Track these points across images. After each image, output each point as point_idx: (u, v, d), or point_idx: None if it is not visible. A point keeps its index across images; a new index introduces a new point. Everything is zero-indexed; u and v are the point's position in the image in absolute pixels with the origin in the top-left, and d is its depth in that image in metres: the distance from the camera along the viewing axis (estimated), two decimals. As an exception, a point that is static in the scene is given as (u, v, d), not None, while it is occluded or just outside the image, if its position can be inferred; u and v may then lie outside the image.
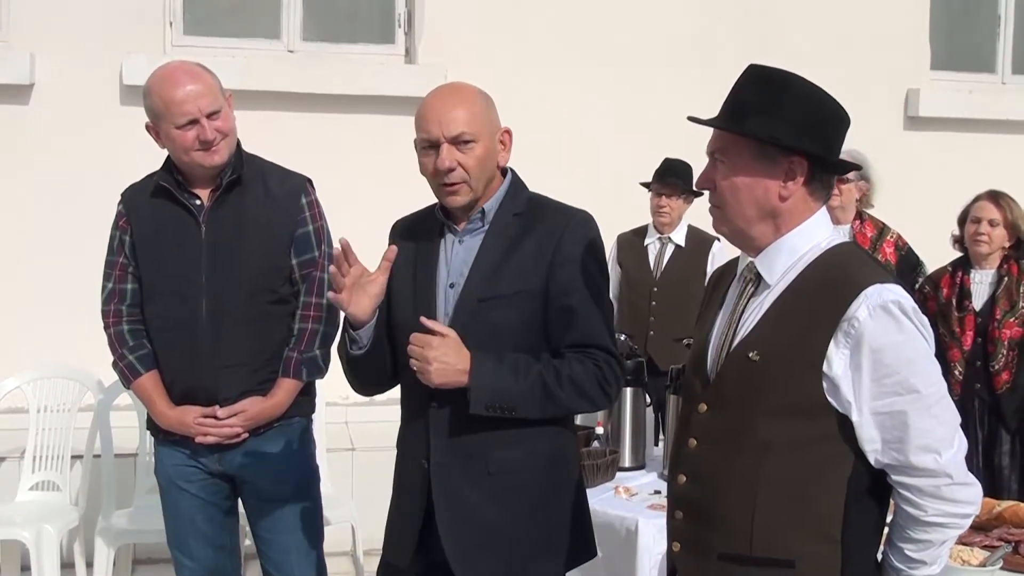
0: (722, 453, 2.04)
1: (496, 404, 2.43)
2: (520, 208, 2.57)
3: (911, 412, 1.93)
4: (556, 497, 2.58)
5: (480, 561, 2.53)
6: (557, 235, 2.50)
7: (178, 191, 3.09)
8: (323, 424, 4.57)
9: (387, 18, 5.94)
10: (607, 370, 2.49)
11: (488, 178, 2.54)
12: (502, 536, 2.52)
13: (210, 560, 3.22)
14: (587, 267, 2.51)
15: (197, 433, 3.07)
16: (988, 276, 4.68)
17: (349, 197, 4.78)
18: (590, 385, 2.47)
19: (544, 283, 2.48)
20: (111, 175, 3.71)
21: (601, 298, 2.54)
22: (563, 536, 2.59)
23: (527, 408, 2.45)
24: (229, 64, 5.05)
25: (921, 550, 2.00)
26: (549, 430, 2.54)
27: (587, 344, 2.49)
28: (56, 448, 4.67)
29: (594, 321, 2.51)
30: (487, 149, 2.50)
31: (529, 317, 2.49)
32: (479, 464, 2.51)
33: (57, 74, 5.35)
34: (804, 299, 1.99)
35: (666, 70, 6.03)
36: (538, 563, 2.56)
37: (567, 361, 2.48)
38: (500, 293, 2.48)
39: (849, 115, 2.08)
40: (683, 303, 5.12)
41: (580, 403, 2.51)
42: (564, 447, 2.61)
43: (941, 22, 6.71)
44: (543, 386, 2.44)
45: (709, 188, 2.09)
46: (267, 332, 3.11)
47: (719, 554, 2.04)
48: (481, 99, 2.55)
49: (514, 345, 2.47)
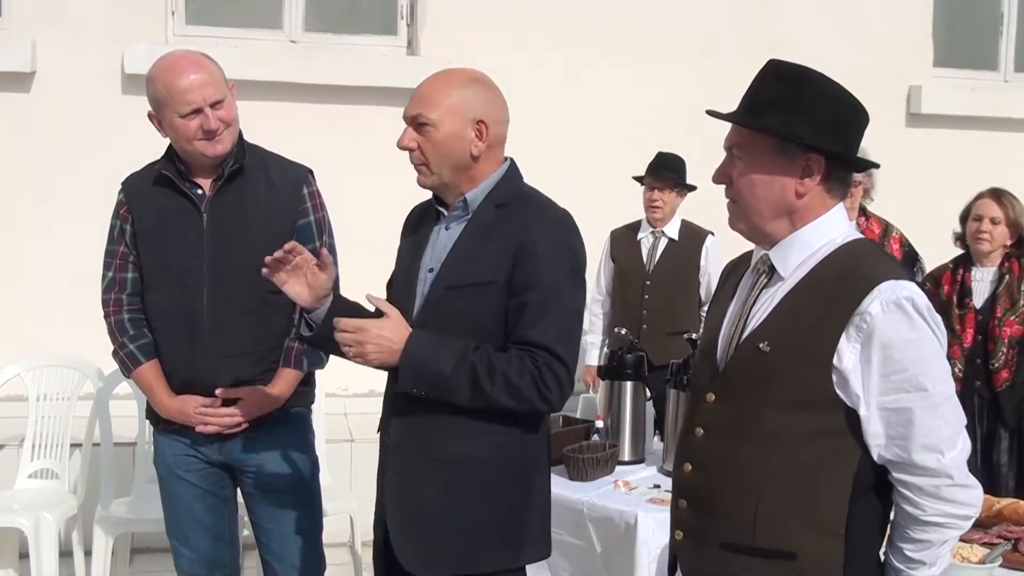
0: (728, 443, 2.04)
1: (423, 385, 2.43)
2: (504, 199, 2.54)
3: (917, 410, 1.93)
4: (508, 491, 2.53)
5: (419, 545, 2.53)
6: (527, 230, 2.47)
7: (180, 180, 3.08)
8: (322, 415, 4.57)
9: (389, 9, 5.93)
10: (546, 372, 2.41)
11: (454, 166, 2.52)
12: (446, 525, 2.51)
13: (209, 550, 3.22)
14: (551, 266, 2.45)
15: (197, 422, 3.07)
16: (989, 274, 4.68)
17: (350, 188, 4.78)
18: (524, 384, 2.40)
19: (508, 276, 2.45)
20: (112, 164, 3.71)
21: (559, 299, 2.46)
22: (513, 532, 2.54)
23: (454, 394, 2.42)
24: (231, 54, 5.04)
25: (920, 550, 2.00)
26: (507, 424, 2.48)
27: (531, 343, 2.42)
28: (55, 436, 4.66)
29: (546, 321, 2.43)
30: (447, 135, 2.49)
31: (491, 309, 2.47)
32: (429, 448, 2.51)
33: (58, 62, 5.35)
34: (817, 292, 1.99)
35: (670, 65, 6.02)
36: (484, 556, 2.52)
37: (507, 357, 2.42)
38: (465, 282, 2.49)
39: (868, 111, 2.07)
40: (676, 297, 5.15)
41: (510, 401, 2.42)
42: (522, 443, 2.53)
43: (944, 19, 6.70)
44: (473, 376, 2.39)
45: (725, 183, 2.08)
46: (268, 322, 3.11)
47: (721, 543, 2.04)
48: (461, 85, 2.52)
49: (475, 335, 2.45)
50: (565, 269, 2.48)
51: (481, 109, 2.52)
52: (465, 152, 2.51)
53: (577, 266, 2.52)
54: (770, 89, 2.04)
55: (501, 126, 2.57)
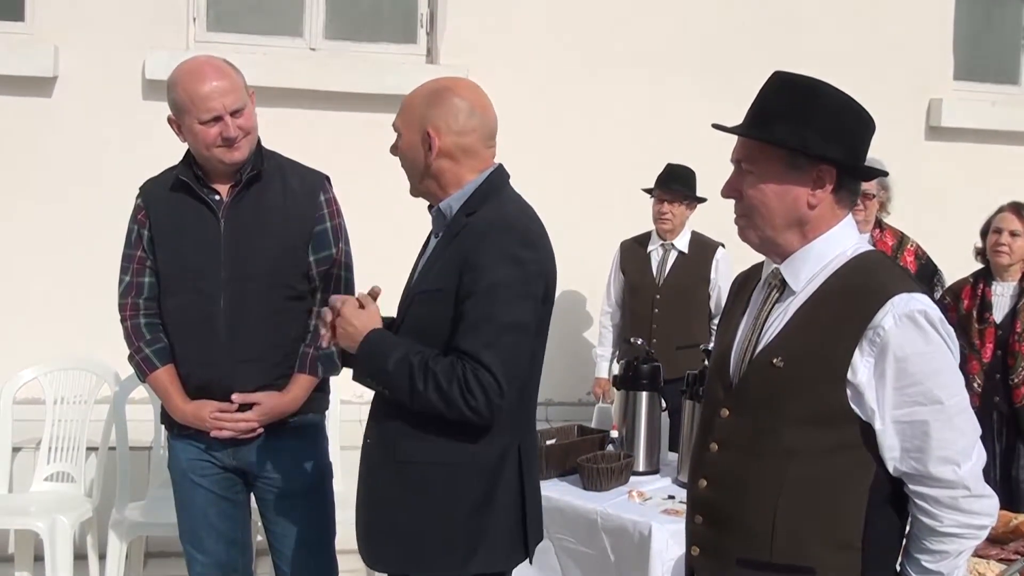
0: (744, 458, 2.04)
1: (369, 377, 2.52)
2: (474, 207, 2.55)
3: (932, 422, 1.92)
4: (462, 497, 2.51)
5: (379, 545, 2.59)
6: (476, 239, 2.47)
7: (197, 186, 3.10)
8: (337, 422, 4.58)
9: (409, 18, 5.94)
10: (472, 380, 2.38)
11: (420, 175, 2.58)
12: (397, 524, 2.53)
13: (222, 554, 3.23)
14: (493, 275, 2.43)
15: (212, 427, 3.08)
16: (1009, 288, 4.65)
17: (367, 195, 4.79)
18: (451, 388, 2.40)
19: (456, 284, 2.47)
20: (131, 168, 3.72)
21: (495, 308, 2.42)
22: (467, 537, 2.52)
23: (395, 390, 2.47)
24: (251, 61, 5.05)
25: (937, 561, 1.99)
26: (462, 429, 2.46)
27: (462, 351, 2.42)
28: (71, 440, 4.69)
29: (479, 330, 2.41)
30: (408, 145, 2.58)
31: (443, 315, 2.48)
32: (389, 449, 2.55)
33: (80, 68, 5.38)
34: (830, 306, 1.98)
35: (687, 76, 6.02)
36: (433, 558, 2.52)
37: (442, 362, 2.43)
38: (426, 289, 2.55)
39: (874, 120, 2.07)
40: (686, 310, 5.11)
41: (440, 404, 2.41)
42: (480, 447, 2.50)
43: (964, 33, 6.67)
44: (410, 374, 2.43)
45: (735, 197, 2.07)
46: (284, 327, 3.12)
47: (738, 559, 2.04)
48: (424, 95, 2.58)
49: (434, 340, 2.48)
50: (506, 279, 2.44)
51: (430, 120, 2.54)
52: (420, 162, 2.57)
53: (523, 276, 2.47)
54: (776, 100, 2.03)
55: (460, 136, 2.54)
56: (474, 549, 2.52)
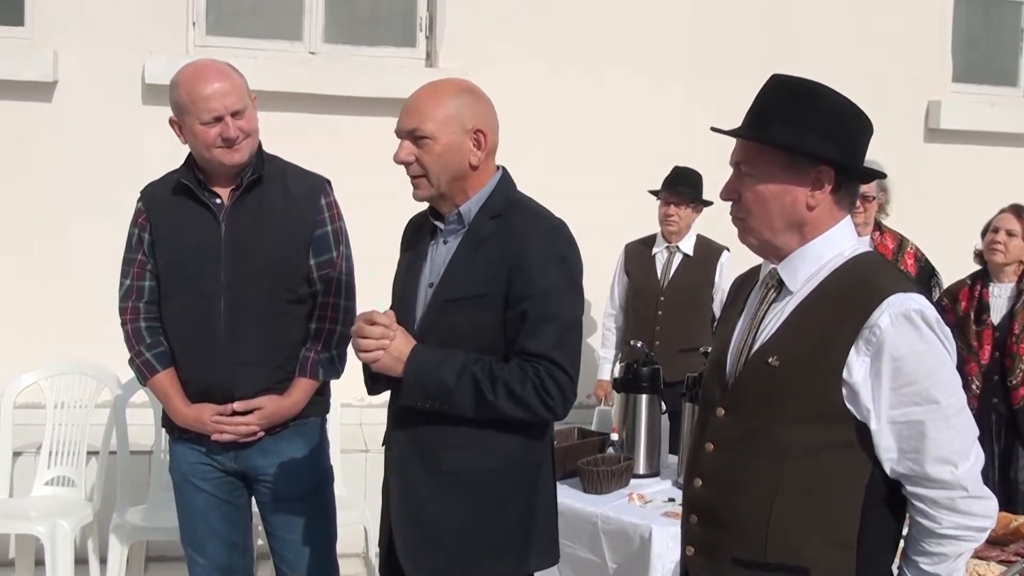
0: (739, 458, 2.04)
1: (427, 398, 2.46)
2: (498, 210, 2.55)
3: (929, 423, 1.92)
4: (511, 500, 2.54)
5: (425, 556, 2.55)
6: (521, 241, 2.48)
7: (198, 189, 3.10)
8: (338, 425, 4.58)
9: (408, 21, 5.95)
10: (548, 381, 2.42)
11: (453, 176, 2.52)
12: (449, 533, 2.52)
13: (223, 558, 3.23)
14: (546, 275, 2.46)
15: (213, 431, 3.08)
16: (1007, 290, 4.66)
17: (368, 199, 4.79)
18: (526, 393, 2.42)
19: (505, 288, 2.46)
20: (131, 172, 3.73)
21: (554, 307, 2.46)
22: (517, 539, 2.56)
23: (457, 406, 2.44)
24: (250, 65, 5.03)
25: (936, 563, 1.99)
26: (506, 433, 2.49)
27: (531, 353, 2.44)
28: (72, 444, 4.69)
29: (543, 330, 2.44)
30: (447, 147, 2.50)
31: (489, 321, 2.48)
32: (431, 459, 2.53)
33: (80, 72, 5.38)
34: (826, 306, 1.99)
35: (688, 77, 6.03)
36: (487, 564, 2.53)
37: (509, 367, 2.44)
38: (463, 295, 2.50)
39: (872, 122, 2.07)
40: (690, 313, 5.10)
41: (514, 409, 2.43)
42: (526, 450, 2.55)
43: (963, 35, 6.69)
44: (476, 387, 2.41)
45: (734, 199, 2.07)
46: (284, 331, 3.12)
47: (733, 559, 2.04)
48: (454, 96, 2.53)
49: (474, 347, 2.47)
50: (559, 278, 2.48)
51: (477, 119, 2.53)
52: (464, 162, 2.53)
53: (572, 274, 2.52)
54: (774, 102, 2.04)
55: (496, 135, 2.58)
56: (526, 550, 2.56)
